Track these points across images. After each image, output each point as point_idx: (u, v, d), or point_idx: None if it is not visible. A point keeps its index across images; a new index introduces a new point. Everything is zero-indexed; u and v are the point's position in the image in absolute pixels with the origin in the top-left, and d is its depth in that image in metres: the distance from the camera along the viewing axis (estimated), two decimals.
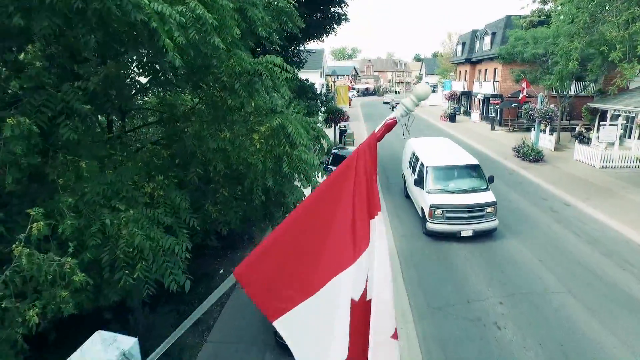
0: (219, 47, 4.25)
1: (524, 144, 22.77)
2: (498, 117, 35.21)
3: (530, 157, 21.30)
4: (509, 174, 19.56)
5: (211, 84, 4.96)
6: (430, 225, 11.67)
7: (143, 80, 5.61)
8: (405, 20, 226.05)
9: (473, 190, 11.99)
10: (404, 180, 15.84)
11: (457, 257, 10.77)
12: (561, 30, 15.07)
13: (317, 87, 44.87)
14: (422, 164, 13.01)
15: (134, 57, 4.91)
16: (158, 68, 5.11)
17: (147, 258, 4.08)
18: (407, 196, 15.23)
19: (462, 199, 11.63)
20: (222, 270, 10.38)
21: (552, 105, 23.72)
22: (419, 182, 12.59)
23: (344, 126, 26.69)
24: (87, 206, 4.11)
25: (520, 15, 30.28)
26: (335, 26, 19.09)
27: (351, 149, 18.57)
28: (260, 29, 5.68)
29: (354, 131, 27.41)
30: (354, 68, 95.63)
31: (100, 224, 3.96)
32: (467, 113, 45.35)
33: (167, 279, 4.21)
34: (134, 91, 5.79)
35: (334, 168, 17.60)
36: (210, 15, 4.17)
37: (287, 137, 4.92)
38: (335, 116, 20.60)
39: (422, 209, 12.28)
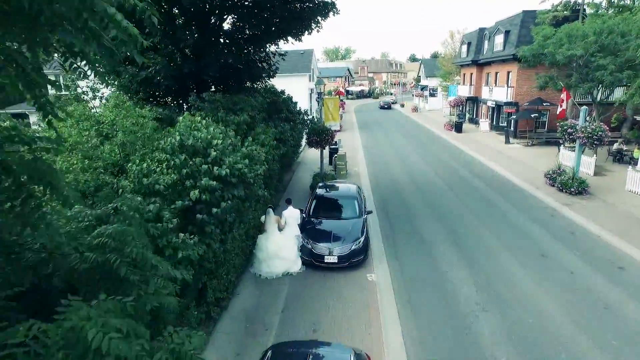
0: None
1: (560, 169, 18.10)
2: (512, 128, 30.60)
3: (572, 189, 16.61)
4: (551, 215, 14.83)
5: None
6: None
7: None
8: (400, 19, 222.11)
9: None
10: None
11: None
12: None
13: (306, 94, 39.81)
14: None
15: None
16: None
17: None
18: None
19: None
20: None
21: (590, 116, 19.02)
22: None
23: (335, 143, 21.80)
24: None
25: (546, 10, 25.61)
26: (321, 19, 14.16)
27: (342, 185, 13.55)
28: None
29: (346, 151, 22.55)
30: (348, 69, 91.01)
31: None
32: (474, 121, 40.73)
33: None
34: None
35: (317, 220, 11.47)
36: None
37: None
38: (321, 138, 15.67)
39: None
